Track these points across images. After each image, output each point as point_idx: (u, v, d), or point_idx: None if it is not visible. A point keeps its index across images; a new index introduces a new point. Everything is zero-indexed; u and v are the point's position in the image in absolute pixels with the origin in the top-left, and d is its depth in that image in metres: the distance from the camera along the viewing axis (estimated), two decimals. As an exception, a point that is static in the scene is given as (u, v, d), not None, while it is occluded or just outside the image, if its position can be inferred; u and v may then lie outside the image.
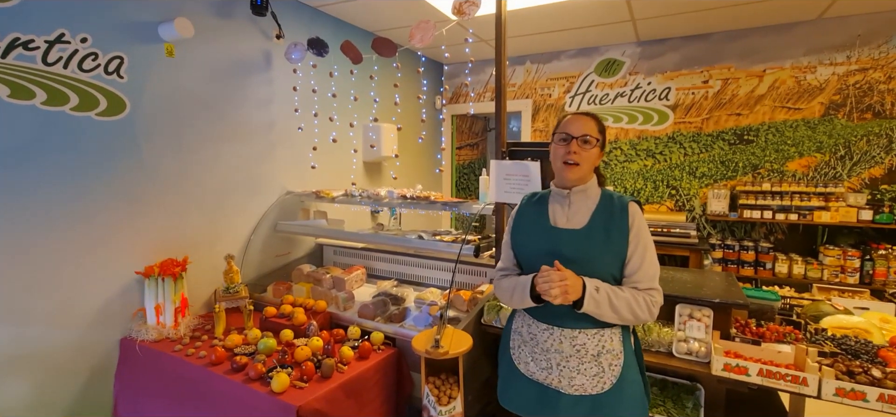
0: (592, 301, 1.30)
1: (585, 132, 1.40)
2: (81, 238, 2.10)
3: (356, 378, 1.87)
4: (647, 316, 1.35)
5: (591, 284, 1.31)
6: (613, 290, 1.33)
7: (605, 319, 1.34)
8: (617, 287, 1.35)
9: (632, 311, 1.33)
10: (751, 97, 3.73)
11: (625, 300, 1.33)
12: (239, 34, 2.79)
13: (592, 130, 1.41)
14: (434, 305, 2.36)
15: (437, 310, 2.15)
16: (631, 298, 1.34)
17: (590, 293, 1.30)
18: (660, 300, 1.39)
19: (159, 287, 2.25)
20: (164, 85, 2.41)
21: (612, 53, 4.18)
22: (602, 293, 1.31)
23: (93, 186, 2.14)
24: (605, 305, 1.31)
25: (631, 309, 1.33)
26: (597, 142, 1.41)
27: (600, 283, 1.33)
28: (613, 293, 1.32)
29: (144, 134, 2.33)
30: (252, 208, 2.92)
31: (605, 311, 1.32)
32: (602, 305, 1.31)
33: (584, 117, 1.44)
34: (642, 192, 4.15)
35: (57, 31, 2.01)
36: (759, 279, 3.51)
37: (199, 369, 1.90)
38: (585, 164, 1.40)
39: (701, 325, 1.85)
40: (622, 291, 1.34)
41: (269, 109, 2.99)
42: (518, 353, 1.50)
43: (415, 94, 3.09)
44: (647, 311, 1.35)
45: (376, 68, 3.02)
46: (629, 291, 1.35)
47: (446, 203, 2.55)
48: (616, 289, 1.34)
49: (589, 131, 1.40)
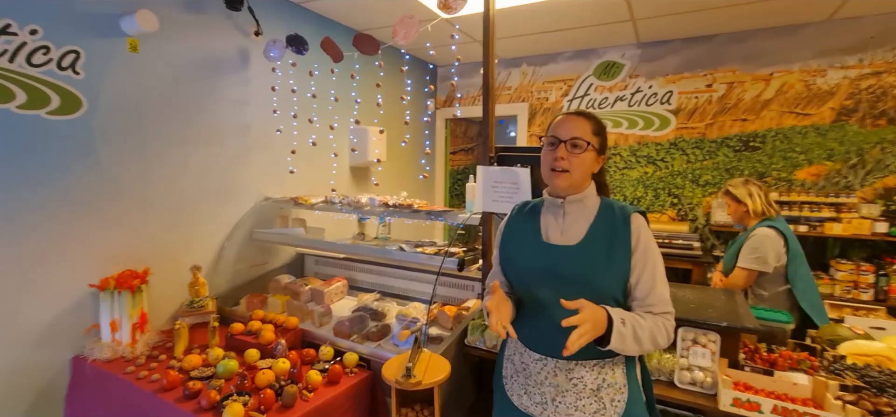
0: (618, 337, 1.09)
1: (575, 135, 1.21)
2: (27, 249, 1.92)
3: (322, 408, 1.68)
4: (666, 342, 1.18)
5: (617, 316, 1.10)
6: (636, 319, 1.14)
7: (627, 353, 1.15)
8: (637, 315, 1.16)
9: (653, 340, 1.15)
10: (757, 102, 3.55)
11: (648, 331, 1.14)
12: (212, 30, 2.62)
13: (584, 133, 1.22)
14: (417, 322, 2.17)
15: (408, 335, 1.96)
16: (653, 326, 1.15)
17: (617, 328, 1.08)
18: (674, 323, 1.21)
19: (115, 301, 2.06)
20: (127, 83, 2.24)
21: (611, 55, 4.00)
22: (628, 326, 1.11)
23: (42, 191, 1.96)
24: (629, 338, 1.11)
25: (653, 339, 1.15)
26: (589, 146, 1.22)
27: (623, 312, 1.13)
28: (637, 322, 1.13)
29: (103, 135, 2.15)
30: (225, 215, 2.74)
31: (630, 344, 1.11)
32: (627, 339, 1.10)
33: (576, 118, 1.25)
34: (643, 200, 3.96)
35: (2, 22, 1.83)
36: (766, 293, 3.31)
37: (148, 395, 1.71)
38: (576, 171, 1.21)
39: (706, 352, 1.66)
40: (643, 319, 1.15)
41: (245, 111, 2.82)
42: (511, 384, 1.31)
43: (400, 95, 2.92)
44: (667, 337, 1.18)
45: (358, 67, 2.85)
46: (650, 318, 1.16)
47: (430, 212, 2.37)
48: (638, 318, 1.15)
49: (580, 134, 1.22)
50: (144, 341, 2.10)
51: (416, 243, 2.36)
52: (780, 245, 2.34)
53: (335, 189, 2.91)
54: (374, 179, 3.66)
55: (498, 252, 1.37)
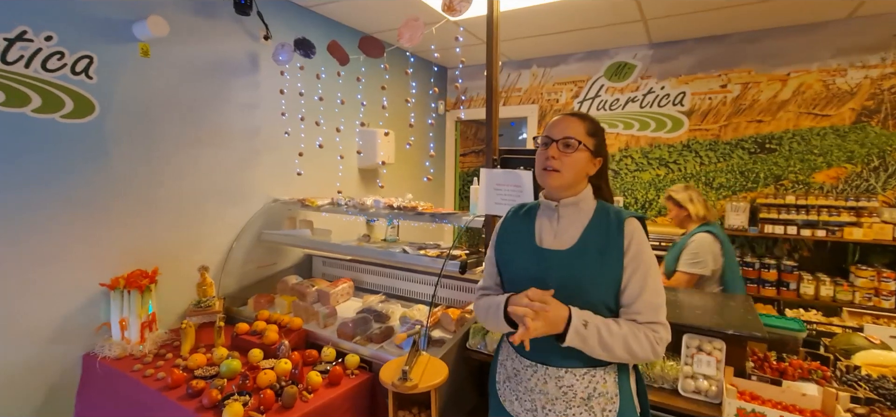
0: (577, 336, 1.09)
1: (568, 135, 1.20)
2: (40, 248, 1.98)
3: (322, 409, 1.69)
4: (649, 355, 1.13)
5: (579, 316, 1.10)
6: (606, 323, 1.12)
7: (596, 356, 1.13)
8: (612, 320, 1.14)
9: (628, 349, 1.11)
10: (773, 103, 3.46)
11: (620, 337, 1.11)
12: (222, 35, 2.66)
13: (577, 132, 1.21)
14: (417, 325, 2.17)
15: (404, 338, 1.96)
16: (628, 333, 1.12)
17: (575, 327, 1.08)
18: (666, 336, 1.16)
19: (125, 300, 2.11)
20: (139, 87, 2.29)
21: (622, 55, 3.95)
22: (591, 328, 1.10)
23: (55, 191, 2.02)
24: (593, 340, 1.10)
25: (627, 347, 1.11)
26: (580, 145, 1.20)
27: (591, 315, 1.12)
28: (606, 327, 1.11)
29: (114, 138, 2.21)
30: (234, 216, 2.78)
31: (594, 347, 1.10)
32: (589, 340, 1.09)
33: (570, 118, 1.23)
34: (654, 203, 3.89)
35: (18, 29, 1.90)
36: (782, 300, 3.22)
37: (154, 393, 1.74)
38: (568, 171, 1.19)
39: (711, 360, 1.62)
40: (618, 325, 1.13)
41: (255, 114, 2.86)
42: (503, 389, 1.30)
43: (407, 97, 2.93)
44: (651, 349, 1.13)
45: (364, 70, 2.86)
46: (628, 325, 1.14)
47: (434, 214, 2.36)
48: (610, 323, 1.12)
49: (573, 133, 1.20)
50: (153, 339, 2.15)
51: (420, 245, 2.36)
52: (718, 249, 2.47)
53: (341, 191, 2.92)
54: (379, 181, 3.68)
55: (492, 253, 1.35)
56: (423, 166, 4.45)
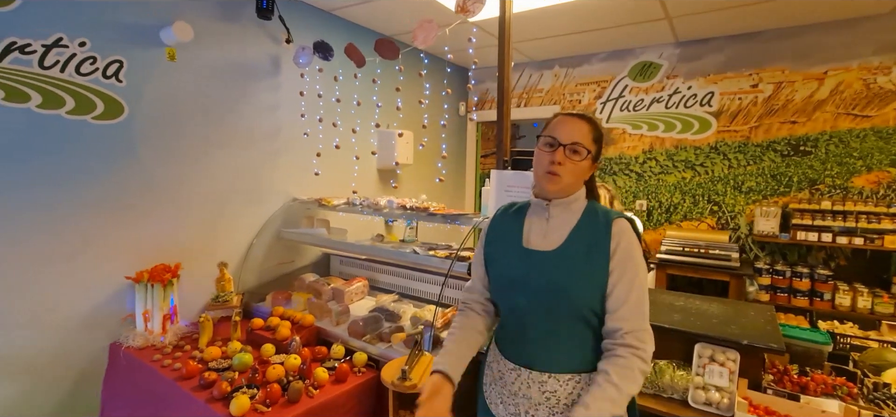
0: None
1: (576, 140, 1.15)
2: (71, 241, 2.10)
3: (327, 405, 1.72)
4: (642, 378, 1.08)
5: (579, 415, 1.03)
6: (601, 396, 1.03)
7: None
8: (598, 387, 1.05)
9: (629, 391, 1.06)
10: (808, 103, 3.28)
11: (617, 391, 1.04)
12: (245, 38, 2.75)
13: (584, 138, 1.16)
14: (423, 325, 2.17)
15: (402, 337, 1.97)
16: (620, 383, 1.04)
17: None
18: (650, 345, 1.10)
19: (148, 293, 2.21)
20: (165, 89, 2.40)
21: (648, 55, 3.84)
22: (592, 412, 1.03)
23: (86, 188, 2.14)
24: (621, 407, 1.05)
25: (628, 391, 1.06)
26: (587, 153, 1.16)
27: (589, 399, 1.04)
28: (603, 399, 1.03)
29: (142, 138, 2.32)
30: (255, 215, 2.87)
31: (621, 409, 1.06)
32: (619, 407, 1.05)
33: (578, 121, 1.19)
34: (680, 207, 3.77)
35: (54, 36, 2.02)
36: (815, 311, 3.05)
37: (169, 383, 1.82)
38: (570, 176, 1.16)
39: (724, 371, 1.56)
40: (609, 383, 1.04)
41: (276, 115, 2.94)
42: (490, 392, 1.29)
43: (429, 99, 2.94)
44: (642, 376, 1.08)
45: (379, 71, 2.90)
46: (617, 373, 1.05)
47: (445, 215, 2.37)
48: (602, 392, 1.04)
49: (580, 139, 1.15)
50: (173, 331, 2.24)
51: (430, 245, 2.37)
52: None
53: (356, 191, 2.97)
54: (393, 182, 3.71)
55: (480, 252, 1.33)
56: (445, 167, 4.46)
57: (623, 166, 4.00)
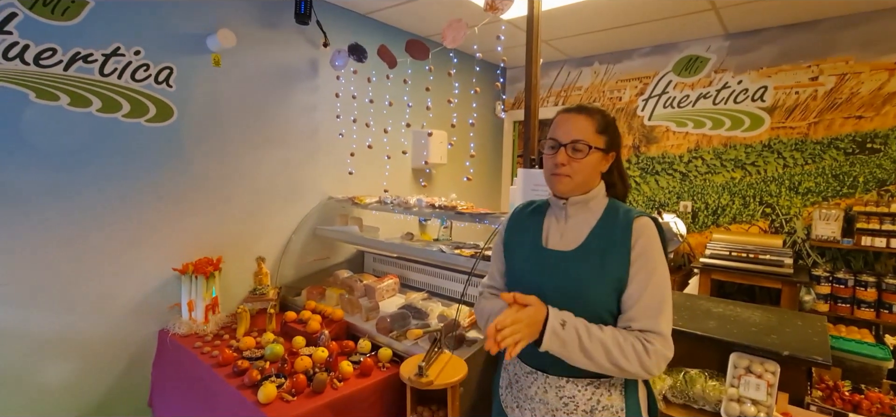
0: (555, 339, 1.00)
1: (576, 137, 1.12)
2: (126, 234, 2.28)
3: (350, 397, 1.76)
4: (635, 368, 1.01)
5: (556, 316, 1.02)
6: (588, 327, 1.02)
7: (576, 364, 1.03)
8: (596, 325, 1.04)
9: (610, 358, 1.00)
10: (877, 96, 2.99)
11: (600, 342, 1.00)
12: (285, 43, 2.88)
13: (586, 134, 1.12)
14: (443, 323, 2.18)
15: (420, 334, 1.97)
16: (610, 340, 1.01)
17: (551, 328, 1.00)
18: (662, 349, 1.03)
19: (193, 284, 2.36)
20: (211, 93, 2.55)
21: (694, 48, 3.64)
22: (568, 329, 1.01)
23: (139, 186, 2.31)
24: (572, 345, 1.00)
25: (609, 356, 1.00)
26: (590, 149, 1.12)
27: (570, 316, 1.03)
28: (586, 330, 1.01)
29: (190, 139, 2.48)
30: (293, 212, 2.99)
31: (574, 352, 1.01)
32: (569, 345, 1.00)
33: (576, 116, 1.15)
34: (729, 208, 3.55)
35: (113, 45, 2.20)
36: (883, 323, 2.78)
37: (207, 368, 1.93)
38: (578, 175, 1.13)
39: (761, 383, 1.45)
40: (602, 330, 1.03)
41: (313, 116, 3.05)
42: (505, 395, 1.27)
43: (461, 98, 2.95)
44: (637, 362, 1.01)
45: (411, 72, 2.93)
46: (613, 331, 1.03)
47: (474, 214, 2.36)
48: (592, 326, 1.03)
49: (581, 135, 1.12)
50: (215, 321, 2.38)
51: (457, 244, 2.37)
52: None
53: (387, 190, 3.02)
54: (422, 180, 3.74)
55: (498, 249, 1.32)
56: (477, 166, 4.45)
57: (666, 166, 3.82)
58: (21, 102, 1.97)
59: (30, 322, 2.03)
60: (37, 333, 2.05)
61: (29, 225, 2.01)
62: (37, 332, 2.05)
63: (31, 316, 2.04)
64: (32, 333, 2.04)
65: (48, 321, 2.07)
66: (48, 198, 2.06)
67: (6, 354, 1.98)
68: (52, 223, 2.07)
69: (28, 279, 2.02)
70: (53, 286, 2.08)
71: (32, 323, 2.04)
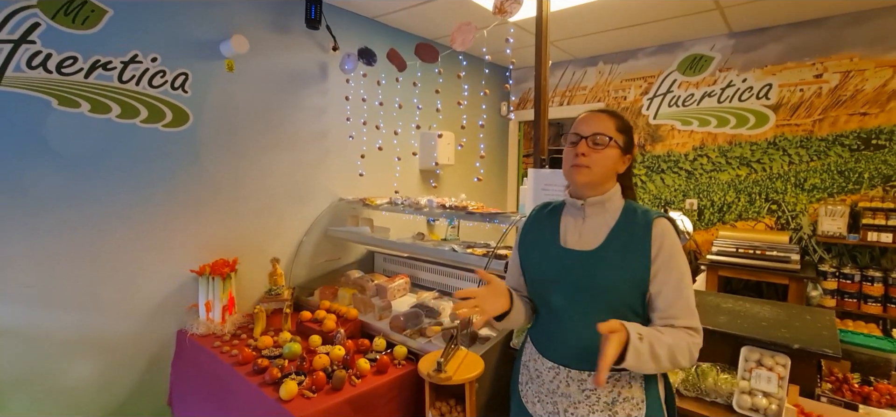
0: (634, 355, 1.01)
1: (597, 130, 1.17)
2: (145, 237, 2.33)
3: (368, 393, 1.80)
4: (688, 361, 1.09)
5: (634, 331, 1.03)
6: (655, 335, 1.05)
7: (644, 371, 1.08)
8: (656, 330, 1.08)
9: (673, 359, 1.06)
10: (881, 92, 3.02)
11: (667, 348, 1.05)
12: (296, 48, 2.93)
13: (608, 128, 1.18)
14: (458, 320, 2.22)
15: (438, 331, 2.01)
16: (673, 343, 1.06)
17: (633, 346, 1.00)
18: (700, 341, 1.11)
19: (210, 285, 2.41)
20: (224, 97, 2.60)
21: (698, 47, 3.68)
22: (645, 343, 1.03)
23: (156, 190, 2.36)
24: (645, 356, 1.03)
25: (672, 358, 1.06)
26: (611, 142, 1.17)
27: (642, 328, 1.06)
28: (656, 339, 1.05)
29: (205, 143, 2.53)
30: (304, 213, 3.03)
31: (646, 363, 1.04)
32: (643, 356, 1.03)
33: (600, 115, 1.21)
34: (734, 206, 3.58)
35: (131, 53, 2.25)
36: (890, 318, 2.80)
37: (227, 367, 1.98)
38: (597, 167, 1.17)
39: (772, 376, 1.49)
40: (663, 334, 1.07)
41: (324, 119, 3.10)
42: (526, 390, 1.31)
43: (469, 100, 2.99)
44: (689, 356, 1.08)
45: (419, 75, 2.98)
46: (671, 333, 1.08)
47: (484, 214, 2.40)
48: (657, 333, 1.06)
49: (602, 129, 1.17)
50: (232, 321, 2.42)
51: (469, 244, 2.41)
52: None
53: (398, 191, 3.07)
54: (432, 181, 3.78)
55: (516, 253, 1.36)
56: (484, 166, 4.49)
57: (672, 164, 3.85)
58: (44, 110, 2.02)
59: (53, 323, 2.09)
60: (60, 334, 2.11)
61: (52, 228, 2.07)
62: (60, 333, 2.11)
63: (55, 317, 2.09)
64: (55, 334, 2.10)
65: (70, 322, 2.13)
66: (70, 202, 2.11)
67: (31, 354, 2.03)
68: (73, 227, 2.12)
69: (51, 281, 2.07)
70: (75, 287, 2.13)
71: (55, 324, 2.09)
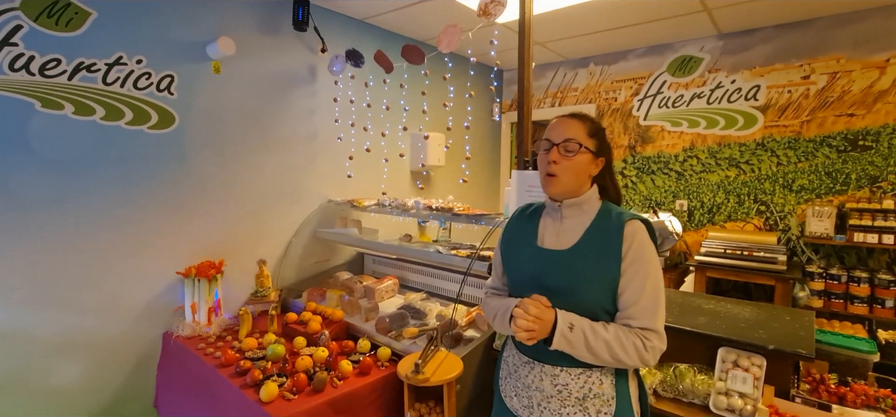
0: (563, 340, 1.10)
1: (568, 136, 1.19)
2: (130, 239, 2.33)
3: (350, 395, 1.81)
4: (635, 362, 1.11)
5: (564, 319, 1.10)
6: (593, 327, 1.11)
7: (584, 360, 1.13)
8: (599, 324, 1.12)
9: (613, 355, 1.09)
10: (868, 94, 3.03)
11: (604, 341, 1.09)
12: (284, 49, 2.93)
13: (578, 134, 1.19)
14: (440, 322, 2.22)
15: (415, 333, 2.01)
16: (613, 339, 1.09)
17: (560, 331, 1.09)
18: (659, 344, 1.12)
19: (196, 287, 2.41)
20: (211, 99, 2.60)
21: (688, 49, 3.69)
22: (576, 332, 1.09)
23: (142, 192, 2.36)
24: (579, 345, 1.10)
25: (611, 352, 1.09)
26: (582, 148, 1.18)
27: (576, 318, 1.11)
28: (592, 331, 1.10)
29: (191, 145, 2.53)
30: (293, 215, 3.04)
31: (581, 351, 1.10)
32: (576, 345, 1.10)
33: (570, 120, 1.23)
34: (724, 207, 3.59)
35: (116, 55, 2.25)
36: (876, 318, 2.81)
37: (211, 369, 1.98)
38: (567, 175, 1.19)
39: (748, 377, 1.50)
40: (605, 329, 1.11)
41: (312, 120, 3.10)
42: (504, 385, 1.33)
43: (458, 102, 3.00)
44: (637, 356, 1.10)
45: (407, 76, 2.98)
46: (615, 330, 1.11)
47: (470, 215, 2.41)
48: (596, 326, 1.11)
49: (573, 135, 1.19)
50: (217, 323, 2.42)
51: (454, 245, 2.42)
52: None
53: (385, 193, 3.07)
54: (419, 183, 3.78)
55: (498, 254, 1.38)
56: (476, 167, 4.49)
57: (662, 165, 3.86)
58: (27, 112, 2.02)
59: (39, 325, 2.09)
60: (46, 336, 2.11)
61: (36, 231, 2.07)
62: (46, 335, 2.11)
63: (40, 319, 2.09)
64: (42, 336, 2.10)
65: (56, 324, 2.13)
66: (54, 204, 2.11)
67: (17, 356, 2.04)
68: (58, 229, 2.12)
69: (36, 284, 2.07)
70: (60, 289, 2.14)
71: (41, 326, 2.09)
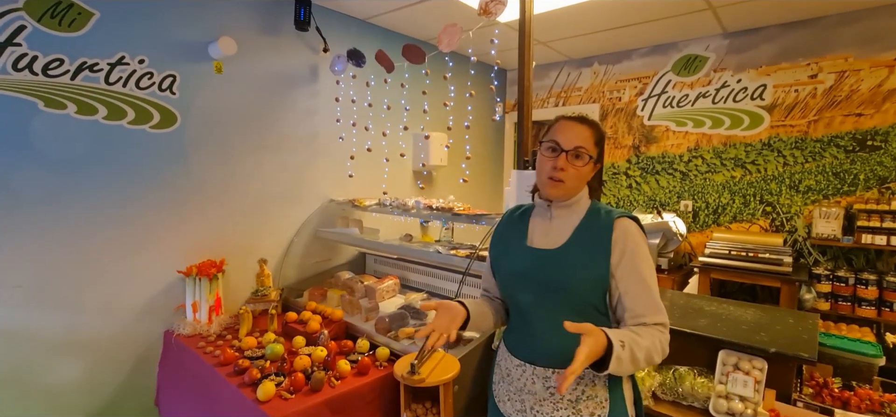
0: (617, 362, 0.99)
1: (578, 144, 1.16)
2: (132, 237, 2.34)
3: (347, 395, 1.80)
4: (660, 360, 1.11)
5: (616, 337, 1.01)
6: (634, 340, 1.04)
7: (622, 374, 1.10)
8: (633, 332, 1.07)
9: (650, 359, 1.07)
10: (877, 93, 2.98)
11: (645, 350, 1.05)
12: (285, 49, 2.93)
13: (587, 142, 1.17)
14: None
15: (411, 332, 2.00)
16: (650, 345, 1.06)
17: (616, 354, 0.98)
18: (668, 335, 1.13)
19: (196, 286, 2.42)
20: (213, 99, 2.61)
21: (693, 48, 3.65)
22: (627, 349, 1.01)
23: (144, 191, 2.38)
24: (627, 361, 1.01)
25: (650, 358, 1.07)
26: (590, 159, 1.18)
27: (623, 333, 1.05)
28: (635, 343, 1.04)
29: (192, 144, 2.54)
30: (295, 214, 3.04)
31: (626, 368, 1.02)
32: (624, 363, 1.01)
33: (580, 125, 1.20)
34: (729, 208, 3.54)
35: (118, 55, 2.27)
36: (884, 321, 2.76)
37: (209, 368, 1.98)
38: (572, 181, 1.18)
39: (749, 380, 1.47)
40: (640, 336, 1.06)
41: (314, 120, 3.10)
42: (498, 388, 1.32)
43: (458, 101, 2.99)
44: (662, 352, 1.10)
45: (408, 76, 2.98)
46: (647, 334, 1.08)
47: (470, 215, 2.40)
48: (635, 337, 1.05)
49: (583, 143, 1.17)
50: (218, 321, 2.43)
51: (454, 245, 2.41)
52: None
53: (386, 192, 3.07)
54: (419, 183, 3.77)
55: (488, 255, 1.37)
56: (479, 167, 4.48)
57: (666, 165, 3.83)
58: (30, 111, 2.04)
59: (40, 323, 2.11)
60: (47, 334, 2.12)
61: (38, 230, 2.08)
62: (47, 333, 2.12)
63: (42, 317, 2.11)
64: (43, 334, 2.11)
65: (58, 323, 2.14)
66: (57, 203, 2.13)
67: (18, 355, 2.05)
68: (60, 228, 2.14)
69: (38, 282, 2.09)
70: (62, 288, 2.15)
71: (43, 324, 2.11)
